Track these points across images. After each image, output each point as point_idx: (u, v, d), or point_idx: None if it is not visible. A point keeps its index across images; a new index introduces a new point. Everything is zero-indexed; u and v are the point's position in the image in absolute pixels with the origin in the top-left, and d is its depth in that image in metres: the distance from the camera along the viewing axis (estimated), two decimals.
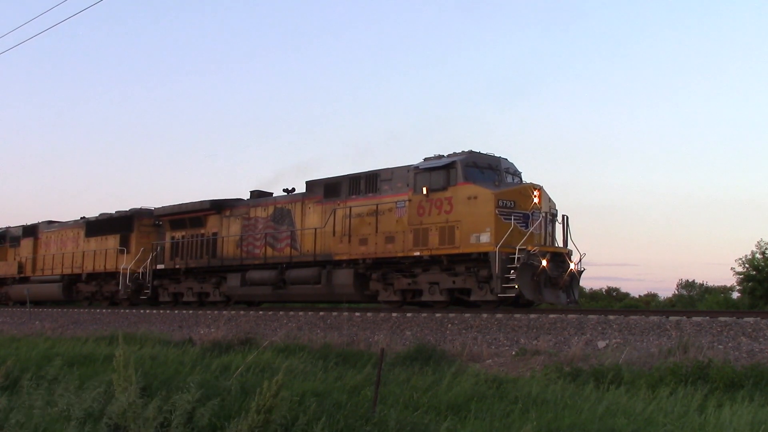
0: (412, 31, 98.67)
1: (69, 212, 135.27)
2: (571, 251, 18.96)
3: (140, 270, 28.50)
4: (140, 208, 30.70)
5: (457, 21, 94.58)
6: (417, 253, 19.14)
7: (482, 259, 17.94)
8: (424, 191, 19.25)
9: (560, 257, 18.53)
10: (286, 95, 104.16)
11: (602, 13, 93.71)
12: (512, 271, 17.22)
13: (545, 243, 18.62)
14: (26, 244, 35.90)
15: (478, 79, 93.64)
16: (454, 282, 18.78)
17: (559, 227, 19.53)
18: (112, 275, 30.17)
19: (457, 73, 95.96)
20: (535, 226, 18.25)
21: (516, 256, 17.26)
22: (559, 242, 19.35)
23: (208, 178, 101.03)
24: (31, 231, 36.02)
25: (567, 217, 19.51)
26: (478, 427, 7.65)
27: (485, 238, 17.85)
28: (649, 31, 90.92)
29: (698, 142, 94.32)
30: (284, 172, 42.69)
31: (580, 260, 18.96)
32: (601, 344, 13.58)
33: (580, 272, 19.02)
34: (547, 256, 17.85)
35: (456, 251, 18.43)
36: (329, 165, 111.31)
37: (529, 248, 17.52)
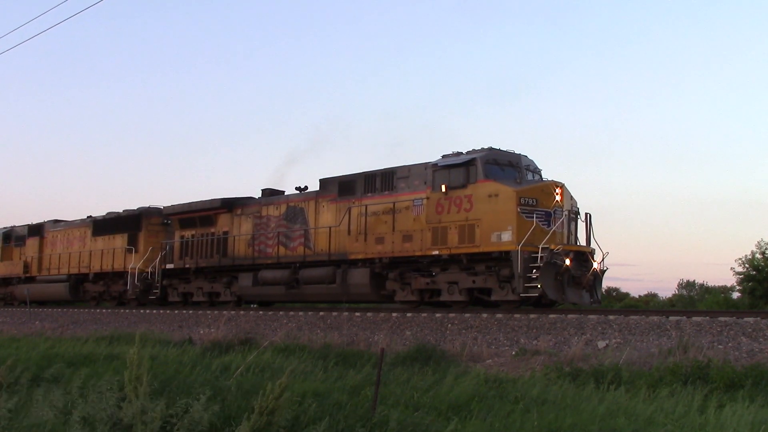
0: (410, 30, 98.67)
1: (75, 211, 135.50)
2: (594, 250, 18.72)
3: (149, 269, 28.31)
4: (148, 207, 30.54)
5: (455, 18, 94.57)
6: (435, 252, 18.88)
7: (503, 258, 17.67)
8: (443, 189, 18.93)
9: (583, 256, 18.27)
10: (290, 94, 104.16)
11: (602, 11, 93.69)
12: (535, 270, 16.94)
13: (568, 241, 18.34)
14: (32, 243, 35.73)
15: (473, 78, 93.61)
16: (474, 281, 18.49)
17: (581, 225, 19.15)
18: (120, 275, 30.03)
19: (454, 71, 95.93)
20: (557, 224, 18.02)
21: (539, 255, 16.99)
22: (582, 241, 19.04)
23: (216, 176, 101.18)
24: (36, 230, 35.86)
25: (590, 215, 19.10)
26: (479, 427, 7.65)
27: (507, 236, 17.58)
28: (649, 31, 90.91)
29: (698, 142, 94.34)
30: (290, 170, 42.53)
31: (603, 259, 18.67)
32: (601, 344, 13.58)
33: (603, 271, 18.81)
34: (571, 255, 17.57)
35: (476, 250, 18.14)
36: (331, 164, 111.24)
37: (552, 247, 17.25)
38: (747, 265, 32.14)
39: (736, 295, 37.13)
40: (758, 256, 31.86)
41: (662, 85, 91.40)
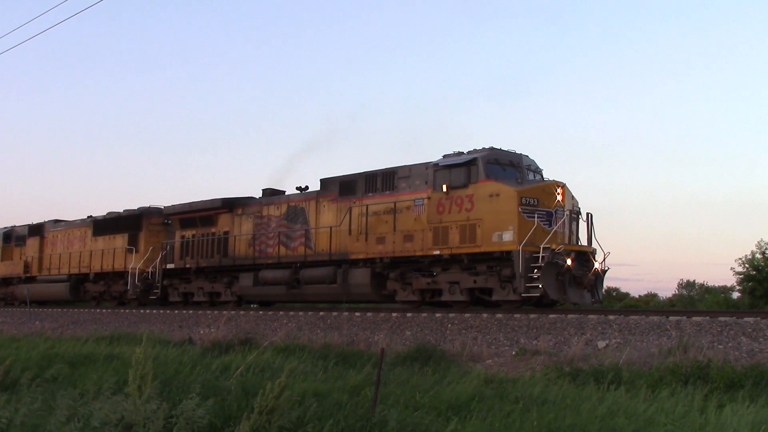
0: (410, 30, 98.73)
1: (75, 211, 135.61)
2: (596, 250, 18.70)
3: (149, 269, 28.31)
4: (149, 207, 30.54)
5: (456, 18, 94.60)
6: (437, 252, 18.85)
7: (505, 258, 17.66)
8: (444, 189, 18.91)
9: (585, 256, 18.26)
10: (290, 94, 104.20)
11: (603, 11, 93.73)
12: (536, 270, 16.93)
13: (569, 241, 18.31)
14: (32, 243, 35.72)
15: (474, 78, 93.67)
16: (475, 281, 18.48)
17: (582, 225, 19.14)
18: (121, 275, 30.00)
19: (455, 71, 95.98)
20: (559, 224, 17.99)
21: (540, 255, 16.97)
22: (583, 240, 19.01)
23: (217, 176, 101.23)
24: (37, 230, 35.85)
25: (591, 215, 19.08)
26: (479, 427, 7.65)
27: (508, 236, 17.56)
28: (649, 31, 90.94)
29: (698, 142, 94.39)
30: (293, 170, 42.53)
31: (604, 259, 18.66)
32: (601, 344, 13.58)
33: (605, 271, 18.80)
34: (572, 254, 17.54)
35: (477, 250, 18.11)
36: (332, 165, 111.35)
37: (554, 247, 17.21)
38: (747, 265, 32.11)
39: (736, 295, 37.13)
40: (758, 256, 31.84)
41: (663, 84, 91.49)
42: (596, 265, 18.28)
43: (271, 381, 6.98)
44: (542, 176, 19.59)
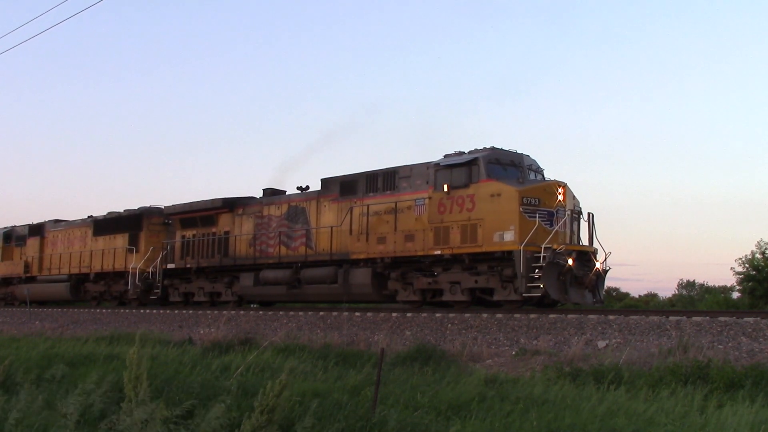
0: (410, 29, 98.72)
1: (76, 211, 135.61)
2: (597, 250, 18.72)
3: (150, 269, 28.33)
4: (149, 207, 30.56)
5: (456, 17, 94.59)
6: (438, 252, 18.88)
7: (506, 258, 17.67)
8: (445, 188, 18.92)
9: (586, 256, 18.28)
10: (291, 94, 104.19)
11: (603, 11, 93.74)
12: (537, 270, 16.94)
13: (570, 241, 18.32)
14: (32, 243, 35.72)
15: (474, 77, 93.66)
16: (476, 281, 18.49)
17: (583, 225, 19.15)
18: (121, 275, 30.00)
19: (456, 70, 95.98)
20: (560, 224, 18.00)
21: (541, 254, 16.97)
22: (584, 240, 19.04)
23: (217, 176, 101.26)
24: (37, 230, 35.86)
25: (592, 215, 19.12)
26: (479, 427, 7.65)
27: (509, 236, 17.57)
28: (650, 30, 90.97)
29: (698, 142, 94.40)
30: (293, 169, 42.51)
31: (605, 259, 18.68)
32: (601, 344, 13.58)
33: (606, 271, 18.81)
34: (573, 254, 17.55)
35: (479, 250, 18.13)
36: (331, 166, 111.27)
37: (555, 247, 17.21)
38: (747, 265, 32.10)
39: (736, 295, 37.12)
40: (758, 256, 31.82)
41: (663, 84, 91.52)
42: (597, 265, 18.28)
43: (271, 380, 6.98)
44: (543, 176, 19.58)
